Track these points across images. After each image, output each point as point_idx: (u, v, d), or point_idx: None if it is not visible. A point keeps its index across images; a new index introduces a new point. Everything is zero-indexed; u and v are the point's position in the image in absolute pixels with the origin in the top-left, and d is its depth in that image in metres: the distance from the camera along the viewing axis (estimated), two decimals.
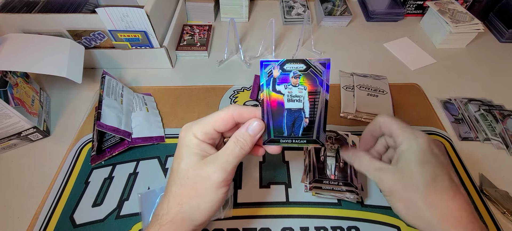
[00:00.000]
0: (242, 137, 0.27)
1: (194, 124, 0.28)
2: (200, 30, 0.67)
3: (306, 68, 0.26)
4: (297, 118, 0.27)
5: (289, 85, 0.27)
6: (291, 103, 0.27)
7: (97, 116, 0.41)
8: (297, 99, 0.27)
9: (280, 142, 0.28)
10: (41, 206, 0.39)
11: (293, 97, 0.27)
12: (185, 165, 0.27)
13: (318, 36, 0.70)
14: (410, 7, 0.75)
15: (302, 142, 0.28)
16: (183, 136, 0.28)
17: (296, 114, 0.27)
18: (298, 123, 0.27)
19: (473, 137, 0.49)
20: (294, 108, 0.27)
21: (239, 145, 0.27)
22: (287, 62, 0.26)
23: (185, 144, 0.28)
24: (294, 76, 0.26)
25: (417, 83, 0.58)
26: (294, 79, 0.27)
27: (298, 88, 0.27)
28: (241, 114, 0.28)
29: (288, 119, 0.27)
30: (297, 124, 0.27)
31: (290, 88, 0.27)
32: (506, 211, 0.39)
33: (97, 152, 0.44)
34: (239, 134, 0.28)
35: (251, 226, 0.38)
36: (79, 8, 0.57)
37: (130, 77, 0.58)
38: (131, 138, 0.44)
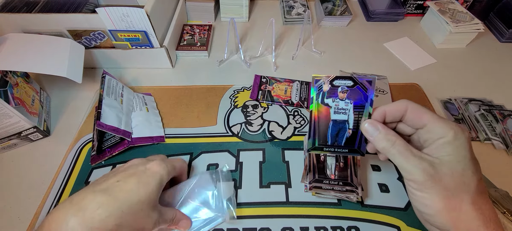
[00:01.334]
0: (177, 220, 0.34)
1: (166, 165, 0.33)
2: (200, 30, 0.67)
3: (353, 84, 0.30)
4: (341, 128, 0.30)
5: (337, 99, 0.30)
6: (337, 115, 0.30)
7: (97, 116, 0.41)
8: (342, 112, 0.30)
9: (324, 149, 0.30)
10: (42, 205, 0.39)
11: (339, 110, 0.30)
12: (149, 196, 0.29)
13: (318, 36, 0.70)
14: (410, 7, 0.75)
15: (344, 150, 0.30)
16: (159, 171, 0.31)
17: (340, 126, 0.30)
18: (342, 133, 0.30)
19: (473, 137, 0.48)
20: (339, 119, 0.30)
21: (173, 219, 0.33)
22: (336, 79, 0.30)
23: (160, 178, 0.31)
24: (342, 91, 0.30)
25: (417, 83, 0.58)
26: (342, 93, 0.30)
27: (345, 102, 0.30)
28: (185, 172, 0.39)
29: (333, 129, 0.30)
30: (341, 134, 0.30)
31: (337, 101, 0.30)
32: (506, 211, 0.39)
33: (97, 152, 0.44)
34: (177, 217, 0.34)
35: (251, 226, 0.38)
36: (79, 8, 0.57)
37: (130, 77, 0.58)
38: (131, 137, 0.44)
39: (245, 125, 0.49)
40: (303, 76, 0.58)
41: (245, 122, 0.50)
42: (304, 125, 0.50)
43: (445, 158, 0.25)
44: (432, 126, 0.27)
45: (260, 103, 0.53)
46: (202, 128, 0.49)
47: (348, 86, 0.30)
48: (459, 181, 0.25)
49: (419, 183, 0.25)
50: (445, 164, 0.25)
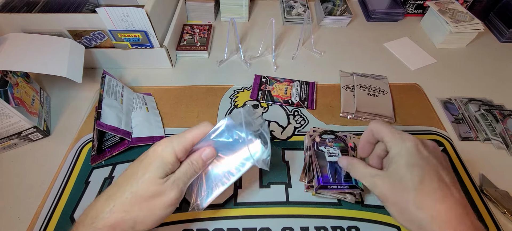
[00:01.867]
0: (195, 161, 0.30)
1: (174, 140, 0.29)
2: (200, 30, 0.67)
3: (335, 137, 0.43)
4: (336, 169, 0.38)
5: (327, 146, 0.41)
6: (330, 157, 0.40)
7: (97, 116, 0.41)
8: (334, 155, 0.40)
9: (328, 187, 0.37)
10: (42, 205, 0.39)
11: (331, 153, 0.40)
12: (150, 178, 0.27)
13: (318, 36, 0.70)
14: (410, 7, 0.75)
15: (345, 187, 0.37)
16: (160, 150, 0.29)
17: (336, 166, 0.39)
18: (339, 171, 0.38)
19: (473, 137, 0.48)
20: (332, 160, 0.39)
21: (192, 168, 0.30)
22: (323, 133, 0.43)
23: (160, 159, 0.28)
24: (329, 141, 0.42)
25: (417, 83, 0.58)
26: (330, 143, 0.42)
27: (334, 148, 0.41)
28: None
29: (331, 169, 0.38)
30: (338, 172, 0.38)
31: (328, 148, 0.41)
32: (506, 211, 0.39)
33: (97, 152, 0.44)
34: (194, 158, 0.31)
35: (251, 226, 0.38)
36: (79, 8, 0.57)
37: (130, 77, 0.58)
38: (131, 137, 0.44)
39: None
40: (303, 76, 0.58)
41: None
42: (304, 125, 0.50)
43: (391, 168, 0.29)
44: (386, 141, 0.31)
45: (260, 103, 0.53)
46: None
47: (332, 138, 0.42)
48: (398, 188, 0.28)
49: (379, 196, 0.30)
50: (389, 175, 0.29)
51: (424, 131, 0.49)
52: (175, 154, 0.29)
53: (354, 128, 0.49)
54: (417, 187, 0.27)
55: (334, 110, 0.52)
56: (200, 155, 0.31)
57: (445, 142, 0.47)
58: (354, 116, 0.50)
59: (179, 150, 0.29)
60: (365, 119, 0.50)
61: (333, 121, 0.50)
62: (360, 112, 0.50)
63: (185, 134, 0.30)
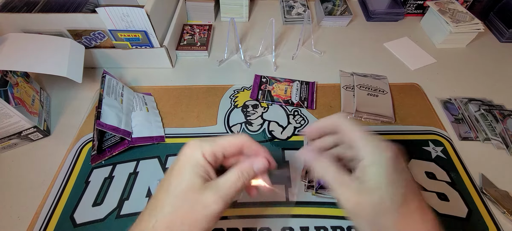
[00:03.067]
0: (247, 172, 0.27)
1: (203, 142, 0.27)
2: (200, 29, 0.67)
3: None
4: None
5: None
6: None
7: (97, 115, 0.41)
8: None
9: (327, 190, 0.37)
10: (42, 205, 0.39)
11: None
12: (186, 186, 0.25)
13: (318, 36, 0.70)
14: (410, 7, 0.75)
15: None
16: (189, 153, 0.26)
17: None
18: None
19: (473, 137, 0.49)
20: None
21: (242, 179, 0.26)
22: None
23: (191, 162, 0.26)
24: None
25: (417, 83, 0.58)
26: None
27: None
28: (250, 146, 0.28)
29: None
30: None
31: None
32: (506, 211, 0.39)
33: (97, 152, 0.44)
34: (244, 167, 0.27)
35: (251, 226, 0.38)
36: (79, 8, 0.57)
37: (130, 77, 0.58)
38: (131, 137, 0.44)
39: (245, 124, 0.49)
40: (303, 76, 0.58)
41: (245, 122, 0.50)
42: (304, 125, 0.50)
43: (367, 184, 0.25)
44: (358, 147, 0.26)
45: (260, 103, 0.53)
46: (202, 127, 0.49)
47: None
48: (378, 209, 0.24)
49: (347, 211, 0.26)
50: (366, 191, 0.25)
51: (424, 131, 0.49)
52: (204, 156, 0.26)
53: None
54: (400, 209, 0.24)
55: (334, 110, 0.52)
56: (251, 165, 0.27)
57: (445, 142, 0.47)
58: (354, 115, 0.50)
59: (207, 152, 0.26)
60: (365, 118, 0.50)
61: None
62: (360, 112, 0.50)
63: (216, 139, 0.27)
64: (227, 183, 0.26)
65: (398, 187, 0.24)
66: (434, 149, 0.46)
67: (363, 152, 0.26)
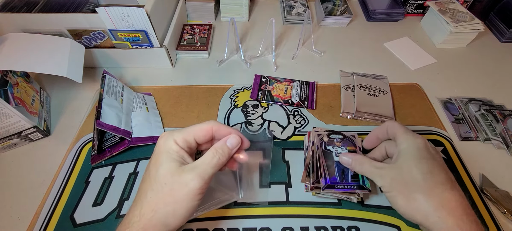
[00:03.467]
0: (221, 149, 0.30)
1: (174, 131, 0.30)
2: (200, 29, 0.67)
3: (343, 137, 0.41)
4: (344, 169, 0.37)
5: (335, 146, 0.40)
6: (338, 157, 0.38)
7: (97, 115, 0.41)
8: None
9: (336, 187, 0.36)
10: (42, 205, 0.39)
11: (339, 153, 0.39)
12: (164, 170, 0.27)
13: (318, 36, 0.70)
14: (410, 6, 0.75)
15: (352, 187, 0.36)
16: (162, 142, 0.29)
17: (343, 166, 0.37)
18: (347, 171, 0.37)
19: (473, 137, 0.48)
20: None
21: (217, 155, 0.29)
22: (331, 133, 0.42)
23: (165, 150, 0.28)
24: (337, 141, 0.41)
25: (418, 83, 0.58)
26: (338, 143, 0.40)
27: (342, 148, 0.40)
28: (219, 130, 0.32)
29: (338, 168, 0.37)
30: (346, 173, 0.37)
31: (336, 148, 0.40)
32: (507, 211, 0.39)
33: (97, 152, 0.44)
34: (217, 146, 0.30)
35: (251, 225, 0.38)
36: (79, 8, 0.57)
37: (130, 76, 0.58)
38: (131, 137, 0.44)
39: (245, 124, 0.49)
40: (303, 76, 0.58)
41: (245, 122, 0.50)
42: (304, 125, 0.50)
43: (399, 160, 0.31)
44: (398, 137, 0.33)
45: (260, 103, 0.53)
46: None
47: (340, 138, 0.41)
48: (407, 178, 0.29)
49: (382, 186, 0.31)
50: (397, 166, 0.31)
51: (424, 131, 0.49)
52: (175, 143, 0.29)
53: (354, 127, 0.49)
54: (427, 177, 0.28)
55: (334, 110, 0.52)
56: (225, 142, 0.30)
57: (445, 142, 0.47)
58: (354, 115, 0.50)
59: (178, 139, 0.29)
60: (365, 118, 0.50)
61: (333, 121, 0.50)
62: (360, 112, 0.50)
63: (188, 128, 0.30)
64: (203, 161, 0.28)
65: (425, 161, 0.30)
66: None
67: (401, 139, 0.32)
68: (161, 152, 0.29)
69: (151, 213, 0.26)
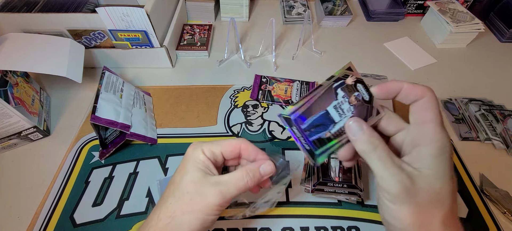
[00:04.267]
0: (252, 173, 0.27)
1: (203, 142, 0.29)
2: (200, 29, 0.67)
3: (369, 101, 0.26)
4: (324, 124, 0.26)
5: (346, 98, 0.26)
6: (333, 110, 0.26)
7: (93, 110, 0.41)
8: (340, 113, 0.26)
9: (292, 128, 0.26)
10: (42, 205, 0.39)
11: (338, 108, 0.26)
12: (188, 179, 0.27)
13: (318, 36, 0.70)
14: (410, 6, 0.74)
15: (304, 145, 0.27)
16: (190, 151, 0.28)
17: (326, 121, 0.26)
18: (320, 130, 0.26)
19: (473, 137, 0.48)
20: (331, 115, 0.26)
21: (247, 178, 0.27)
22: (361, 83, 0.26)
23: (192, 159, 0.28)
24: (356, 98, 0.26)
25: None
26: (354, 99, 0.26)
27: (348, 107, 0.26)
28: (247, 149, 0.30)
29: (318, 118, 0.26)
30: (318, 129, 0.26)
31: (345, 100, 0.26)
32: (507, 211, 0.39)
33: (102, 147, 0.44)
34: (250, 168, 0.28)
35: (251, 226, 0.38)
36: (79, 8, 0.57)
37: (130, 76, 0.58)
38: (129, 131, 0.43)
39: (245, 124, 0.49)
40: (303, 76, 0.58)
41: (245, 122, 0.50)
42: None
43: (426, 171, 0.23)
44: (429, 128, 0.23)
45: (260, 103, 0.53)
46: (202, 127, 0.49)
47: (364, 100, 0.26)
48: (435, 198, 0.23)
49: (393, 194, 0.23)
50: (424, 178, 0.23)
51: None
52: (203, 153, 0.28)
53: None
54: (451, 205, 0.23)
55: None
56: (258, 167, 0.28)
57: None
58: None
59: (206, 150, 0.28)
60: None
61: None
62: None
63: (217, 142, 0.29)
64: (230, 179, 0.27)
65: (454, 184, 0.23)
66: None
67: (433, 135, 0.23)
68: (188, 160, 0.28)
69: (168, 219, 0.26)
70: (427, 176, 0.23)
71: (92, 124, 0.40)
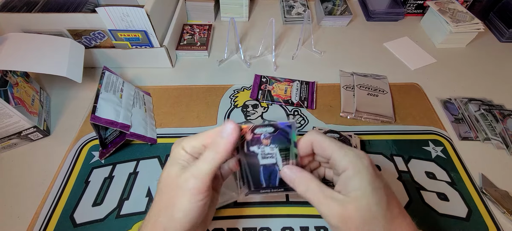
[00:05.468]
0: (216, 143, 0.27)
1: (184, 138, 0.29)
2: (200, 29, 0.67)
3: (274, 131, 0.29)
4: (272, 171, 0.30)
5: (262, 145, 0.29)
6: (265, 160, 0.30)
7: (93, 110, 0.41)
8: (270, 156, 0.29)
9: (260, 191, 0.30)
10: (42, 205, 0.40)
11: (266, 155, 0.30)
12: (166, 174, 0.28)
13: (318, 35, 0.70)
14: (410, 6, 0.75)
15: (280, 190, 0.30)
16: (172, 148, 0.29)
17: (271, 169, 0.30)
18: (274, 175, 0.30)
19: (473, 137, 0.48)
20: (268, 164, 0.30)
21: (212, 150, 0.27)
22: (256, 128, 0.29)
23: (173, 156, 0.29)
24: (265, 138, 0.30)
25: (417, 83, 0.58)
26: (265, 140, 0.30)
27: (270, 147, 0.29)
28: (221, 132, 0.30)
29: (264, 173, 0.30)
30: (272, 176, 0.30)
31: (262, 148, 0.29)
32: (506, 210, 0.39)
33: (102, 147, 0.44)
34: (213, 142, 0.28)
35: (251, 225, 0.38)
36: (79, 8, 0.57)
37: (130, 76, 0.58)
38: (129, 130, 0.43)
39: None
40: (303, 76, 0.58)
41: (245, 122, 0.50)
42: (304, 125, 0.50)
43: (351, 194, 0.25)
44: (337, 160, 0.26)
45: (260, 103, 0.53)
46: (202, 127, 0.49)
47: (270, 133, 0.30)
48: (367, 217, 0.24)
49: (333, 225, 0.25)
50: (352, 201, 0.24)
51: (424, 131, 0.49)
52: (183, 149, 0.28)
53: (354, 127, 0.49)
54: (386, 215, 0.24)
55: (334, 110, 0.52)
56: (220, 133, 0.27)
57: (445, 141, 0.47)
58: (354, 115, 0.50)
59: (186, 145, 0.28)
60: (365, 118, 0.50)
61: (333, 121, 0.50)
62: (360, 112, 0.50)
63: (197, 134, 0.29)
64: (199, 160, 0.27)
65: (381, 193, 0.25)
66: (434, 149, 0.46)
67: (344, 162, 0.26)
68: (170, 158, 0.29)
69: (155, 216, 0.27)
70: (354, 198, 0.24)
71: (92, 124, 0.40)
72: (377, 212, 0.24)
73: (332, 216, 0.25)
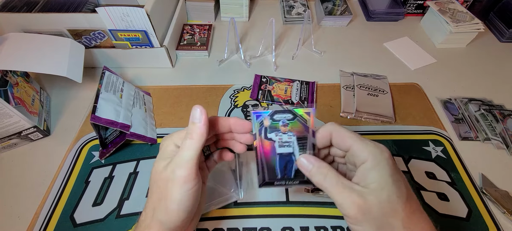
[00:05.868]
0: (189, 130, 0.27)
1: (173, 134, 0.29)
2: (200, 29, 0.67)
3: (293, 117, 0.29)
4: (288, 161, 0.29)
5: (279, 132, 0.29)
6: (282, 148, 0.29)
7: (93, 110, 0.41)
8: (287, 145, 0.29)
9: (275, 184, 0.29)
10: (42, 205, 0.40)
11: (283, 143, 0.29)
12: (154, 171, 0.28)
13: (318, 35, 0.70)
14: (410, 6, 0.75)
15: (295, 183, 0.30)
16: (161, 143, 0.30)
17: (287, 158, 0.29)
18: (290, 166, 0.29)
19: (473, 137, 0.48)
20: (285, 153, 0.29)
21: (189, 137, 0.27)
22: (276, 113, 0.29)
23: (162, 151, 0.29)
24: (283, 125, 0.29)
25: (418, 83, 0.58)
26: (284, 127, 0.29)
27: (288, 135, 0.29)
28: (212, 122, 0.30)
29: (280, 163, 0.29)
30: (289, 167, 0.29)
31: (280, 135, 0.29)
32: (506, 210, 0.39)
33: (102, 147, 0.44)
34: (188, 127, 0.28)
35: (251, 225, 0.38)
36: (79, 8, 0.57)
37: (130, 76, 0.58)
38: (129, 130, 0.43)
39: None
40: (303, 76, 0.58)
41: None
42: None
43: (371, 185, 0.24)
44: (357, 150, 0.26)
45: (260, 103, 0.53)
46: None
47: (289, 120, 0.29)
48: (387, 209, 0.24)
49: (351, 217, 0.25)
50: (372, 192, 0.24)
51: (424, 131, 0.49)
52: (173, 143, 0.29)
53: (354, 127, 0.49)
54: (405, 207, 0.24)
55: (334, 110, 0.52)
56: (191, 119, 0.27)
57: (445, 141, 0.47)
58: (354, 115, 0.50)
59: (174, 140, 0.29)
60: (365, 118, 0.50)
61: (333, 121, 0.50)
62: (360, 112, 0.50)
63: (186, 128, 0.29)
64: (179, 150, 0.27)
65: (401, 186, 0.25)
66: (434, 149, 0.46)
67: (365, 154, 0.25)
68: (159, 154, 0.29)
69: (152, 211, 0.27)
70: (374, 189, 0.24)
71: (92, 124, 0.40)
72: (397, 205, 0.24)
73: (351, 207, 0.24)
